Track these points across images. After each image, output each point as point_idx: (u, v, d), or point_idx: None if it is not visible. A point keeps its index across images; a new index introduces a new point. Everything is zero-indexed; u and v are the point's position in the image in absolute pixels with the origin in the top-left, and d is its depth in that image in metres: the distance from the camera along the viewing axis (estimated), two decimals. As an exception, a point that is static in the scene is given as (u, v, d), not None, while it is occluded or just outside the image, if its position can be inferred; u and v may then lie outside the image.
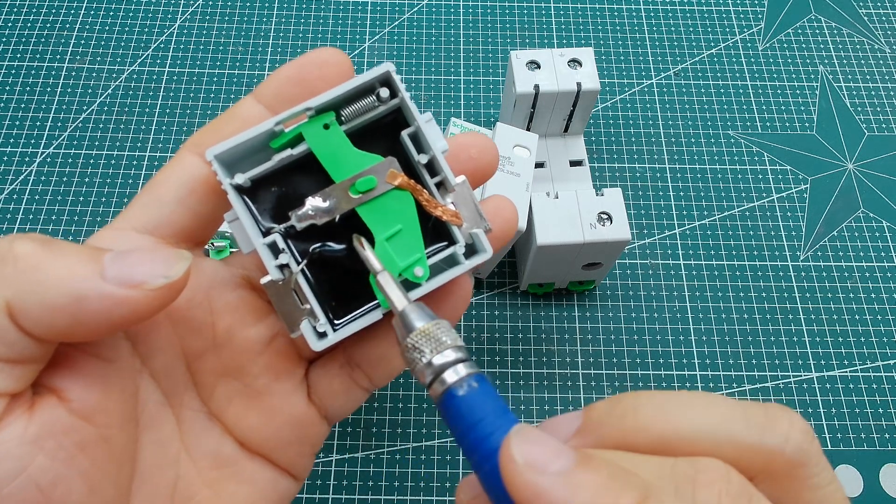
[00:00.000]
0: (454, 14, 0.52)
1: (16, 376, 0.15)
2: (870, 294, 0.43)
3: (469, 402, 0.16)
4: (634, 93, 0.49)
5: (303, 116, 0.18)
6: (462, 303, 0.21)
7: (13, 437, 0.15)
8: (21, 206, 0.44)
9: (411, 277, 0.18)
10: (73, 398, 0.16)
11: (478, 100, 0.48)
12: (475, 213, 0.19)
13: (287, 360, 0.21)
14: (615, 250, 0.37)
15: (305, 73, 0.19)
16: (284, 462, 0.21)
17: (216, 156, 0.18)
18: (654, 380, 0.40)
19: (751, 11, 0.53)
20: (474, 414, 0.16)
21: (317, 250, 0.19)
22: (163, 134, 0.47)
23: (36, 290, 0.15)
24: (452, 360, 0.16)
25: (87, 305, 0.15)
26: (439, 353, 0.16)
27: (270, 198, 0.19)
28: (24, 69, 0.48)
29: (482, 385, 0.16)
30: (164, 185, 0.19)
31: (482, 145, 0.20)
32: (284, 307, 0.18)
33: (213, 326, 0.20)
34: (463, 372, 0.16)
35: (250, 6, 0.52)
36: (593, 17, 0.52)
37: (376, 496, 0.36)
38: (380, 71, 0.18)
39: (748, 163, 0.47)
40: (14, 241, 0.15)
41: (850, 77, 0.50)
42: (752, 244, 0.44)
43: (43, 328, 0.15)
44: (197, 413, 0.20)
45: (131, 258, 0.16)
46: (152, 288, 0.16)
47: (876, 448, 0.38)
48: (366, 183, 0.18)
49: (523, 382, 0.40)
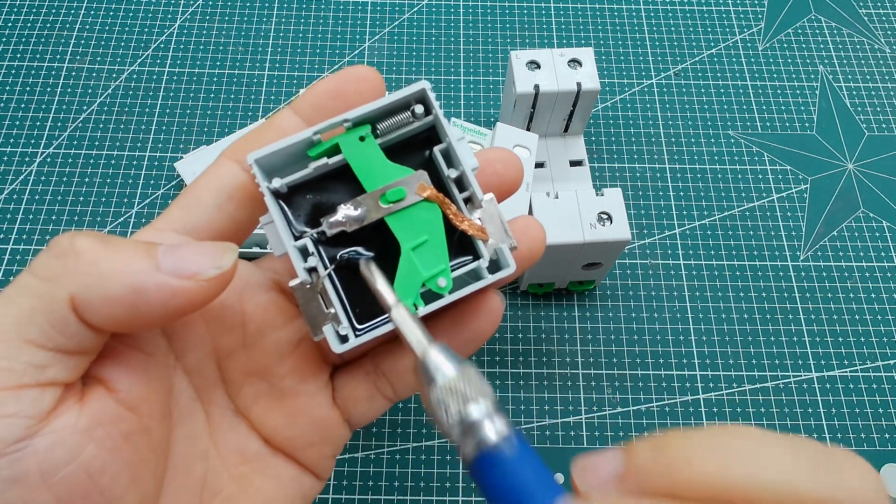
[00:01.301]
0: (454, 14, 0.52)
1: (72, 367, 0.16)
2: (870, 294, 0.43)
3: (513, 468, 0.14)
4: (634, 93, 0.49)
5: (340, 128, 0.19)
6: (492, 321, 0.21)
7: (67, 426, 0.16)
8: (21, 206, 0.44)
9: (434, 288, 0.19)
10: (121, 389, 0.17)
11: (478, 100, 0.48)
12: (501, 230, 0.19)
13: (313, 363, 0.21)
14: (615, 250, 0.37)
15: (343, 87, 0.19)
16: (307, 461, 0.22)
17: (256, 160, 0.18)
18: (653, 380, 0.40)
19: (751, 11, 0.53)
20: (519, 482, 0.14)
21: (345, 256, 0.19)
22: (163, 134, 0.47)
23: (98, 282, 0.16)
24: (486, 415, 0.15)
25: (145, 296, 0.16)
26: (473, 403, 0.15)
27: (305, 204, 0.19)
28: (24, 69, 0.48)
29: (521, 445, 0.15)
30: (204, 189, 0.19)
31: (507, 160, 0.21)
32: (310, 310, 0.19)
33: (244, 327, 0.20)
34: (503, 429, 0.14)
35: (250, 6, 0.52)
36: (593, 17, 0.52)
37: (376, 496, 0.36)
38: (416, 88, 0.19)
39: (748, 163, 0.47)
40: (75, 237, 0.16)
41: (850, 77, 0.50)
42: (752, 244, 0.44)
43: (103, 319, 0.16)
44: (225, 410, 0.21)
45: (183, 251, 0.17)
46: (206, 278, 0.17)
47: (876, 448, 0.38)
48: (396, 193, 0.19)
49: (523, 382, 0.40)
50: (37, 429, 0.15)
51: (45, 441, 0.15)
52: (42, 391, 0.16)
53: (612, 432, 0.38)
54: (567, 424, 0.39)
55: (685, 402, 0.39)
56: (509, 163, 0.21)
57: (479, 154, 0.21)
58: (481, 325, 0.21)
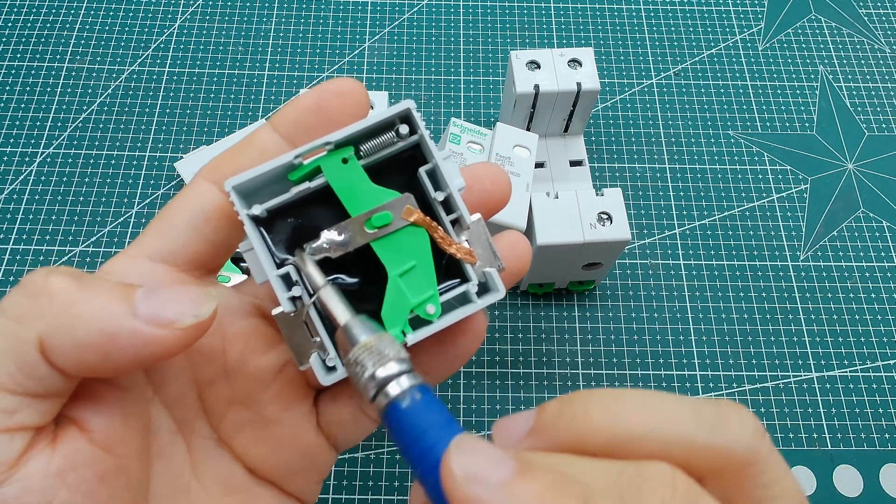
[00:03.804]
0: (454, 14, 0.52)
1: (42, 411, 0.16)
2: (870, 294, 0.43)
3: (412, 413, 0.16)
4: (634, 93, 0.49)
5: (322, 150, 0.18)
6: (475, 340, 0.21)
7: (38, 471, 0.15)
8: (21, 206, 0.44)
9: (423, 314, 0.18)
10: (95, 428, 0.16)
11: (478, 100, 0.48)
12: (489, 252, 0.19)
13: (297, 389, 0.21)
14: (615, 250, 0.37)
15: (323, 103, 0.19)
16: (293, 489, 0.21)
17: (234, 186, 0.18)
18: (654, 380, 0.40)
19: (751, 11, 0.53)
20: (417, 426, 0.15)
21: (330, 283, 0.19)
22: (163, 134, 0.47)
23: (70, 325, 0.15)
24: (395, 373, 0.16)
25: (117, 343, 0.15)
26: (382, 365, 0.16)
27: (286, 229, 0.19)
28: (24, 69, 0.48)
29: (426, 396, 0.16)
30: (180, 212, 0.19)
31: (495, 177, 0.20)
32: (294, 339, 0.18)
33: (225, 354, 0.20)
34: (406, 384, 0.16)
35: (250, 6, 0.52)
36: (593, 17, 0.52)
37: (376, 496, 0.36)
38: (400, 108, 0.18)
39: (748, 163, 0.47)
40: (49, 275, 0.16)
41: (850, 77, 0.50)
42: (752, 244, 0.44)
43: (73, 364, 0.15)
44: (207, 440, 0.20)
45: (162, 297, 0.16)
46: (182, 327, 0.16)
47: (876, 448, 0.38)
48: (381, 218, 0.18)
49: (523, 382, 0.40)
50: (5, 476, 0.15)
51: (14, 489, 0.15)
52: (11, 437, 0.15)
53: (612, 432, 0.38)
54: (567, 424, 0.39)
55: (685, 402, 0.39)
56: (497, 179, 0.20)
57: (466, 170, 0.20)
58: (466, 344, 0.21)
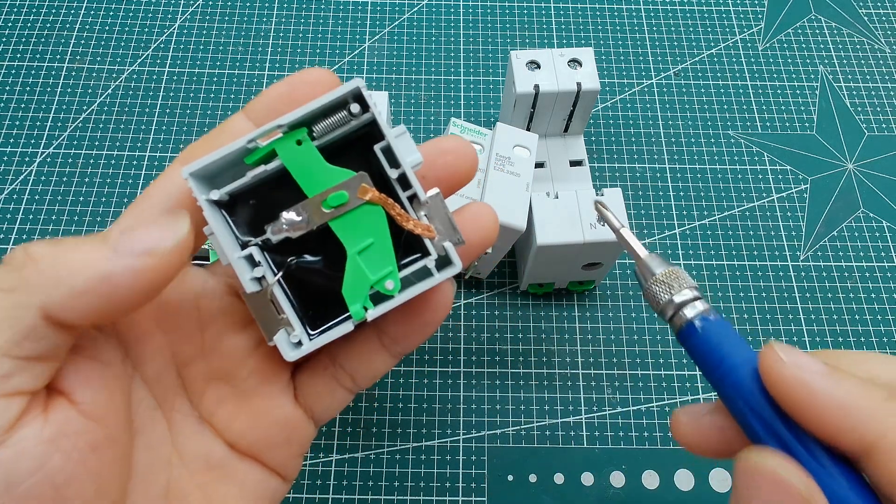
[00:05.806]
0: (454, 14, 0.52)
1: (37, 374, 0.16)
2: (870, 294, 0.43)
3: (709, 330, 0.20)
4: (634, 93, 0.49)
5: (276, 133, 0.18)
6: (442, 310, 0.21)
7: (31, 437, 0.16)
8: (21, 206, 0.44)
9: (382, 290, 0.19)
10: (83, 400, 0.17)
11: (478, 100, 0.48)
12: (448, 226, 0.19)
13: (274, 364, 0.21)
14: (615, 250, 0.37)
15: (295, 92, 0.19)
16: (273, 463, 0.22)
17: (192, 173, 0.18)
18: (653, 380, 0.40)
19: (751, 11, 0.53)
20: (715, 339, 0.20)
21: (293, 262, 0.19)
22: (163, 134, 0.47)
23: (65, 278, 0.16)
24: (691, 298, 0.21)
25: (115, 281, 0.16)
26: (679, 291, 0.21)
27: (249, 211, 0.19)
28: (24, 69, 0.48)
29: (717, 320, 0.20)
30: (156, 196, 0.19)
31: (460, 151, 0.20)
32: (262, 317, 0.19)
33: (202, 333, 0.20)
34: (701, 307, 0.20)
35: (250, 6, 0.52)
36: (593, 17, 0.52)
37: (376, 496, 0.36)
38: (350, 86, 0.18)
39: (748, 163, 0.47)
40: (27, 247, 0.16)
41: (850, 77, 0.50)
42: (752, 244, 0.44)
43: (77, 314, 0.16)
44: (187, 417, 0.21)
45: (137, 232, 0.17)
46: (167, 250, 0.17)
47: (876, 448, 0.38)
48: (337, 198, 0.19)
49: (523, 382, 0.40)
50: (2, 439, 0.15)
51: (10, 451, 0.15)
52: (8, 401, 0.15)
53: (612, 432, 0.38)
54: (567, 424, 0.39)
55: (685, 402, 0.39)
56: (461, 153, 0.20)
57: (430, 143, 0.20)
58: (433, 314, 0.21)
